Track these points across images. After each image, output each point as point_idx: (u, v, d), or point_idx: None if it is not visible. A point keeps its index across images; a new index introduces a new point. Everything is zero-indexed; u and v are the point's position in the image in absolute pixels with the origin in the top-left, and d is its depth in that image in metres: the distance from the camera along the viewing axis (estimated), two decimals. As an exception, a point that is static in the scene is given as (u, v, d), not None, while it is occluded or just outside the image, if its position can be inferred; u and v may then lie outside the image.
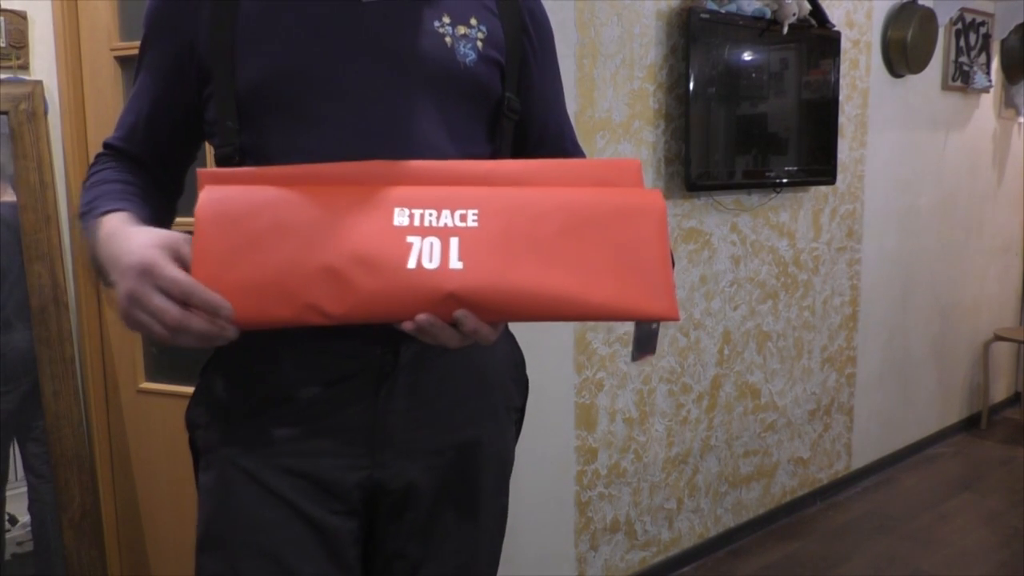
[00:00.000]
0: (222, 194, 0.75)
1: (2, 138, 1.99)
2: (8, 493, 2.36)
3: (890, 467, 3.39)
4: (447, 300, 0.72)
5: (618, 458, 2.33)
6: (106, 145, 0.95)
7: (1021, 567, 2.54)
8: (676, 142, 2.33)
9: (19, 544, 2.47)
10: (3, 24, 1.99)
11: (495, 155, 0.94)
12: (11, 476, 2.43)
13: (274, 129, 0.84)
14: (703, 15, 2.27)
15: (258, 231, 0.74)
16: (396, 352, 0.87)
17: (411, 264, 0.73)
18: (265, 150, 0.84)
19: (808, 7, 2.54)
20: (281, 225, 0.74)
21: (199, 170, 0.77)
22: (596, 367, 2.23)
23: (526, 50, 0.96)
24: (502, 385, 0.98)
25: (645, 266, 0.76)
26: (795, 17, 2.44)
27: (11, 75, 2.00)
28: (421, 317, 0.72)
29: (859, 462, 3.23)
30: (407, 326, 0.73)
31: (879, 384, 3.29)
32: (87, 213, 0.85)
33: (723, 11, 2.33)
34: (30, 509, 2.19)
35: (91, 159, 0.96)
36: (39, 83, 1.99)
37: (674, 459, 2.51)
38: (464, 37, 0.89)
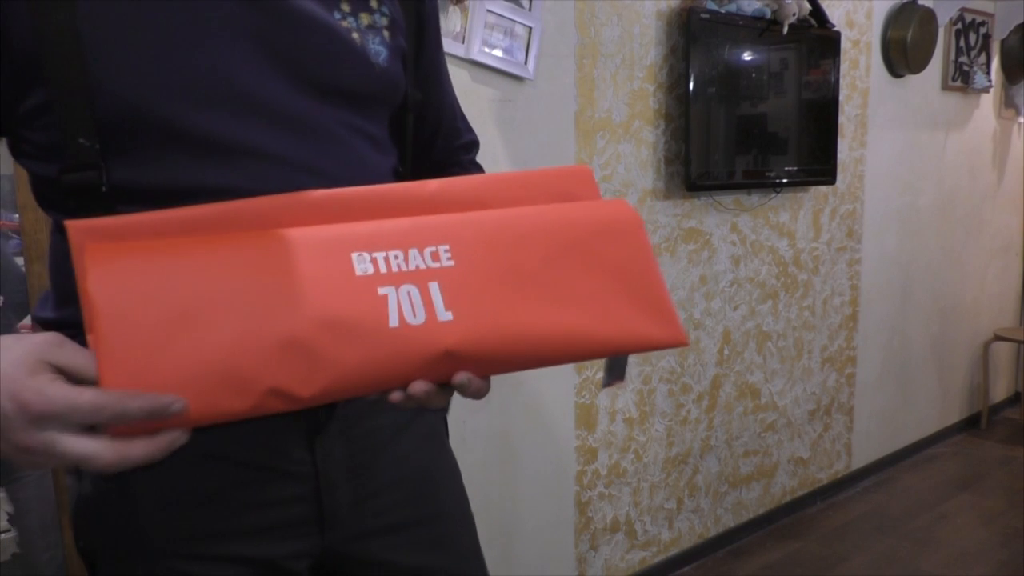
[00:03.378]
0: (116, 261, 0.54)
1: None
2: (4, 493, 2.36)
3: (890, 467, 3.39)
4: (442, 360, 0.60)
5: (618, 458, 2.34)
6: None
7: (1021, 567, 2.54)
8: (676, 142, 2.33)
9: (19, 544, 2.46)
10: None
11: (403, 158, 0.83)
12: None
13: (157, 158, 0.64)
14: (703, 15, 2.27)
15: (183, 304, 0.54)
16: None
17: (393, 322, 0.59)
18: (149, 191, 0.64)
19: (808, 7, 2.54)
20: (212, 290, 0.55)
21: (70, 224, 0.56)
22: (596, 367, 2.23)
23: (423, 22, 0.81)
24: None
25: (642, 290, 0.69)
26: (795, 17, 2.44)
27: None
28: (417, 388, 0.60)
29: (859, 462, 3.23)
30: (396, 397, 0.60)
31: (879, 384, 3.29)
32: None
33: (723, 11, 2.33)
34: (14, 506, 2.19)
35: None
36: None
37: (674, 459, 2.51)
38: (371, 28, 0.74)
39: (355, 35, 0.72)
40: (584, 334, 0.65)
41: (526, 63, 1.93)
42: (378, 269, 0.60)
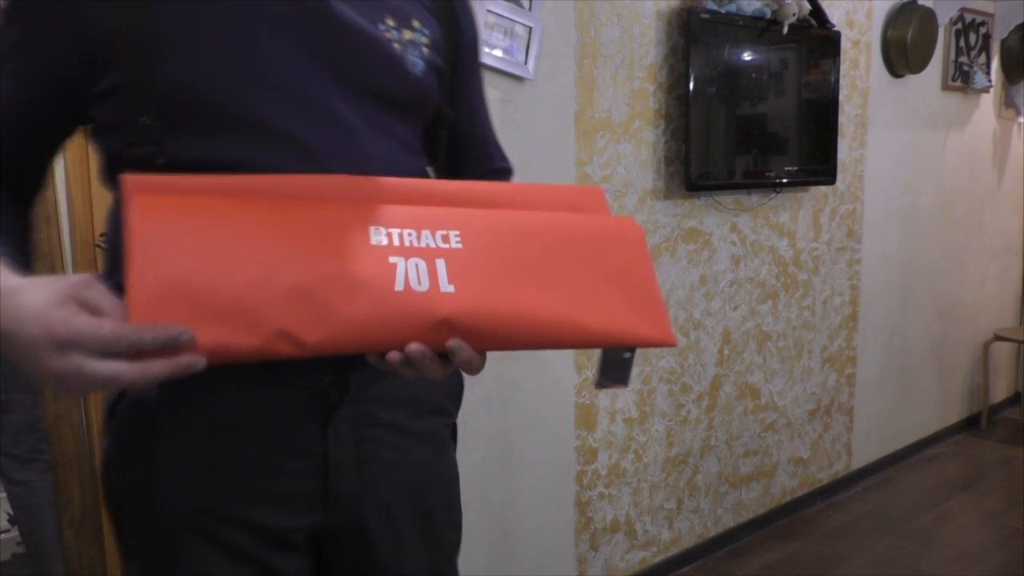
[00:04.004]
0: (159, 205, 0.61)
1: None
2: (5, 493, 2.36)
3: (890, 467, 3.39)
4: (440, 327, 0.65)
5: (618, 458, 2.34)
6: None
7: (1021, 567, 2.54)
8: (676, 142, 2.33)
9: (19, 544, 2.47)
10: (3, 24, 1.99)
11: (435, 168, 0.90)
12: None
13: (209, 139, 0.72)
14: (703, 15, 2.27)
15: (210, 249, 0.61)
16: (345, 380, 0.79)
17: (399, 286, 0.64)
18: (200, 164, 0.71)
19: (808, 7, 2.54)
20: (238, 242, 0.62)
21: (125, 176, 0.63)
22: (596, 367, 2.23)
23: (459, 51, 0.89)
24: (442, 406, 0.92)
25: (636, 290, 0.73)
26: (795, 17, 2.44)
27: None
28: (414, 347, 0.64)
29: (859, 462, 3.23)
30: (393, 356, 0.65)
31: (879, 384, 3.29)
32: None
33: (723, 11, 2.33)
34: (16, 513, 2.19)
35: (92, 157, 0.87)
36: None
37: (674, 459, 2.51)
38: (411, 43, 0.81)
39: (396, 45, 0.80)
40: (576, 322, 0.70)
41: (526, 63, 1.93)
42: (391, 242, 0.66)
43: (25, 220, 0.79)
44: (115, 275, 0.67)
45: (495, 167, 0.99)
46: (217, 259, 0.61)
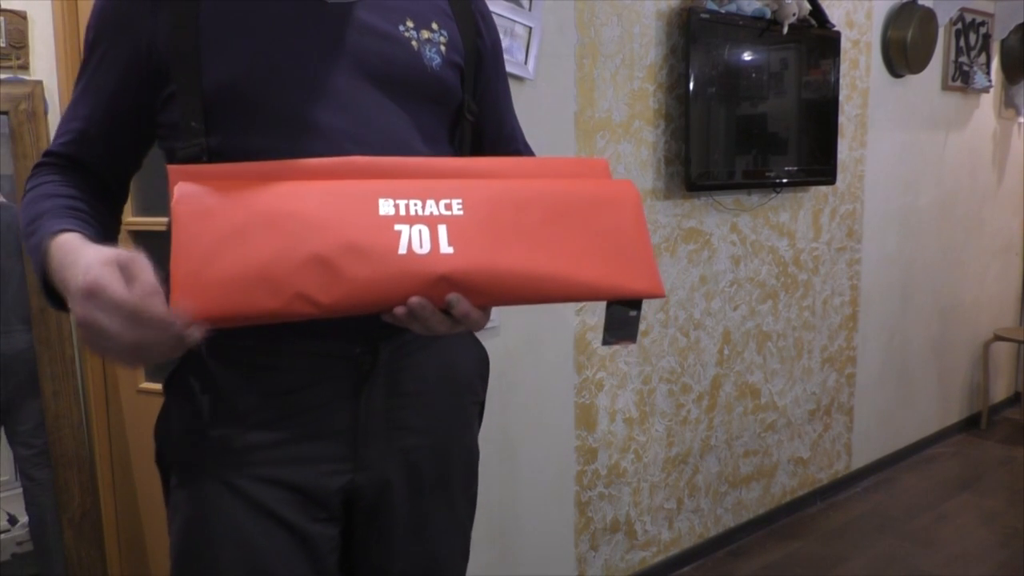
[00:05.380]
0: (198, 188, 0.72)
1: (2, 138, 1.99)
2: (5, 493, 2.36)
3: (890, 467, 3.39)
4: (439, 283, 0.73)
5: (618, 458, 2.34)
6: (50, 153, 0.88)
7: (1021, 567, 2.54)
8: (676, 142, 2.33)
9: (19, 544, 2.47)
10: (3, 24, 1.99)
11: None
12: (10, 477, 2.42)
13: (244, 131, 0.82)
14: (703, 15, 2.27)
15: (240, 223, 0.71)
16: (375, 350, 0.86)
17: (402, 250, 0.73)
18: (234, 152, 0.81)
19: (808, 7, 2.54)
20: (263, 217, 0.72)
21: (170, 166, 0.75)
22: (596, 367, 2.23)
23: (481, 53, 0.97)
24: (470, 382, 0.98)
25: (627, 248, 0.80)
26: (795, 17, 2.44)
27: (11, 75, 2.00)
28: (413, 300, 0.72)
29: (859, 462, 3.23)
30: (399, 311, 0.73)
31: (879, 384, 3.29)
32: (32, 234, 0.80)
33: (723, 11, 2.33)
34: (28, 510, 2.19)
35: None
36: (39, 83, 1.99)
37: (674, 459, 2.51)
38: (428, 42, 0.89)
39: (413, 43, 0.88)
40: (567, 276, 0.77)
41: (526, 63, 1.93)
42: (398, 212, 0.74)
43: (104, 214, 0.87)
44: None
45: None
46: (245, 234, 0.71)
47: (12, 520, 2.47)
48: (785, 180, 2.61)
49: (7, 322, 2.04)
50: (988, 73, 3.61)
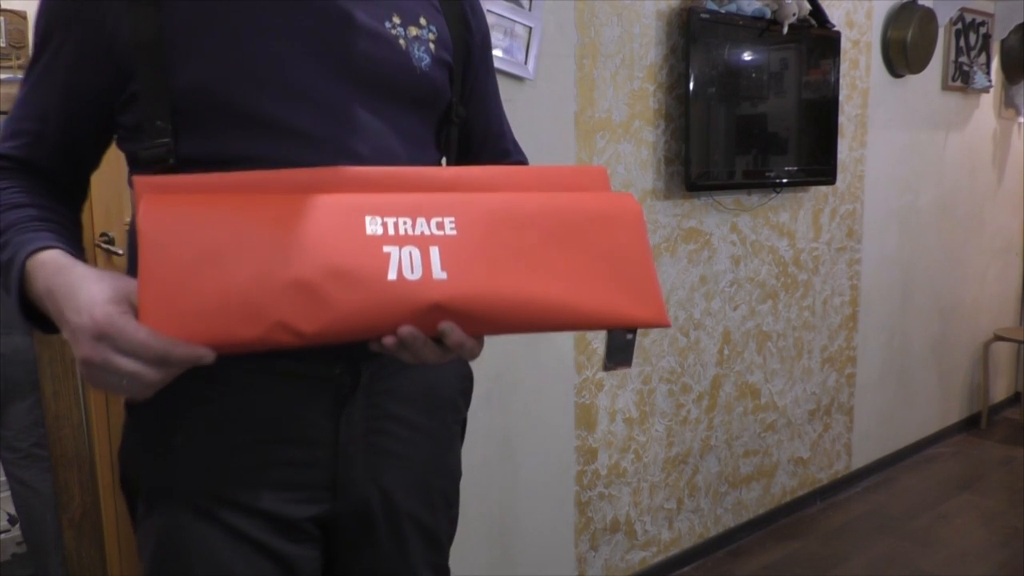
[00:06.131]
0: (167, 205, 0.65)
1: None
2: (5, 494, 2.36)
3: (890, 467, 3.39)
4: (432, 311, 0.68)
5: (618, 458, 2.34)
6: (2, 157, 0.80)
7: (1021, 567, 2.54)
8: (676, 142, 2.33)
9: (19, 544, 2.47)
10: (3, 24, 1.99)
11: (448, 163, 0.91)
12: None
13: (218, 134, 0.75)
14: (703, 15, 2.27)
15: (214, 245, 0.65)
16: (357, 371, 0.81)
17: (391, 275, 0.67)
18: (207, 159, 0.74)
19: (808, 7, 2.54)
20: (240, 237, 0.65)
21: (136, 178, 0.67)
22: (596, 367, 2.23)
23: (469, 48, 0.91)
24: (452, 401, 0.94)
25: (631, 273, 0.75)
26: (795, 17, 2.44)
27: (11, 75, 2.00)
28: (404, 329, 0.67)
29: (859, 462, 3.23)
30: (388, 341, 0.68)
31: (879, 384, 3.29)
32: (2, 248, 0.73)
33: (723, 11, 2.33)
34: (18, 514, 2.19)
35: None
36: (39, 83, 1.98)
37: (674, 459, 2.51)
38: (417, 39, 0.83)
39: (401, 41, 0.82)
40: (568, 304, 0.72)
41: (526, 63, 1.93)
42: (387, 231, 0.68)
43: (70, 221, 0.82)
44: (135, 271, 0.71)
45: (512, 160, 1.02)
46: (221, 256, 0.64)
47: (12, 520, 2.47)
48: (785, 180, 2.61)
49: (7, 324, 2.04)
50: (988, 73, 3.61)
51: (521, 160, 1.03)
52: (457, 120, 0.91)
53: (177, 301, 0.63)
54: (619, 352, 0.81)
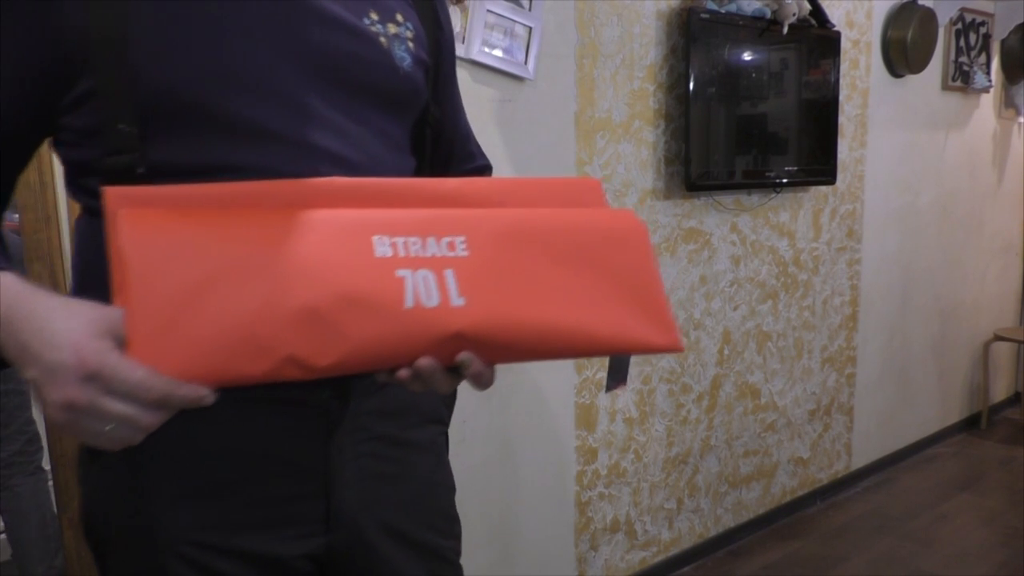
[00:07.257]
0: (151, 222, 0.57)
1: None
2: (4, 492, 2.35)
3: (890, 467, 3.39)
4: (452, 341, 0.63)
5: (618, 458, 2.33)
6: None
7: (1021, 567, 2.54)
8: (676, 142, 2.33)
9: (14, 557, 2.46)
10: None
11: (420, 167, 0.87)
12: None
13: (193, 140, 0.68)
14: (703, 15, 2.27)
15: (210, 269, 0.57)
16: (346, 395, 0.76)
17: (408, 303, 0.62)
18: (183, 166, 0.68)
19: (808, 7, 2.54)
20: (237, 259, 0.58)
21: (108, 188, 0.58)
22: (596, 367, 2.23)
23: (441, 47, 0.87)
24: (435, 411, 0.89)
25: (643, 296, 0.72)
26: (795, 17, 2.44)
27: None
28: (423, 361, 0.63)
29: (859, 462, 3.23)
30: (403, 374, 0.63)
31: (879, 384, 3.29)
32: None
33: (723, 11, 2.33)
34: (3, 518, 2.18)
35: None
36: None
37: (674, 459, 2.51)
38: (396, 37, 0.78)
39: (382, 39, 0.77)
40: (586, 332, 0.68)
41: (526, 63, 1.93)
42: (396, 253, 0.63)
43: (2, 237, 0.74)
44: (88, 293, 0.63)
45: (477, 165, 0.98)
46: (218, 282, 0.57)
47: (8, 534, 2.46)
48: (785, 180, 2.61)
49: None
50: (988, 73, 3.61)
51: (486, 164, 0.99)
52: (432, 122, 0.86)
53: (172, 335, 0.56)
54: (618, 373, 0.79)
